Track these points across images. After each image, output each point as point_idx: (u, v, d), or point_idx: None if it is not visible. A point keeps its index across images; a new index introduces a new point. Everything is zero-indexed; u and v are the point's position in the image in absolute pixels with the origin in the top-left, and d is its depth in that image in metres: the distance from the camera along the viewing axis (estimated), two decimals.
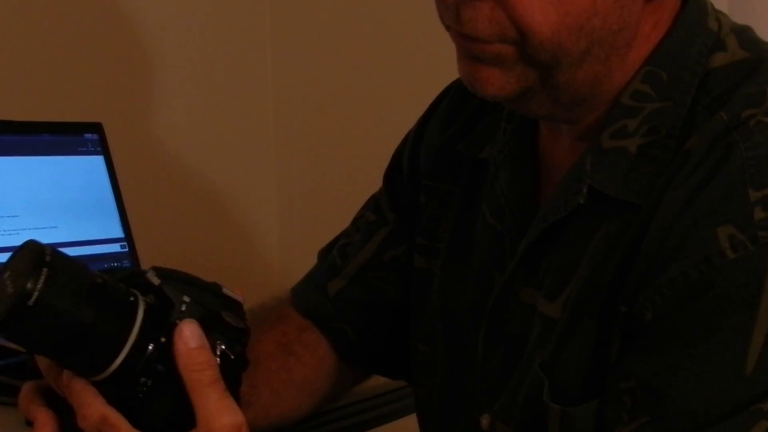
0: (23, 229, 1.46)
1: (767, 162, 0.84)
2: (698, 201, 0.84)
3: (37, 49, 1.81)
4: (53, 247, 0.78)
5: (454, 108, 1.12)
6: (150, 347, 0.80)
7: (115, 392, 0.80)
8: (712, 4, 0.97)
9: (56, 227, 1.50)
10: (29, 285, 0.75)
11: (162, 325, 0.80)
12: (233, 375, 0.83)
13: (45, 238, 1.48)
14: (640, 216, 0.88)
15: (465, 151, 1.07)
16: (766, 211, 0.82)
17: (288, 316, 1.17)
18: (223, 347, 0.82)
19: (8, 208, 1.47)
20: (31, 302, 0.75)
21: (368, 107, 2.07)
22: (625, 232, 0.89)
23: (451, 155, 1.09)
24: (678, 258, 0.84)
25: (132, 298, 0.80)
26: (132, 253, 1.55)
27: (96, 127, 1.61)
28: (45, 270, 0.76)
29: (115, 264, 1.53)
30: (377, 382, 1.28)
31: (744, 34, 0.95)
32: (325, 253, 1.20)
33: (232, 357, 0.82)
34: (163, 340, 0.80)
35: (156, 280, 0.81)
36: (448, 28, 0.92)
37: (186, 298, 0.81)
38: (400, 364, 1.14)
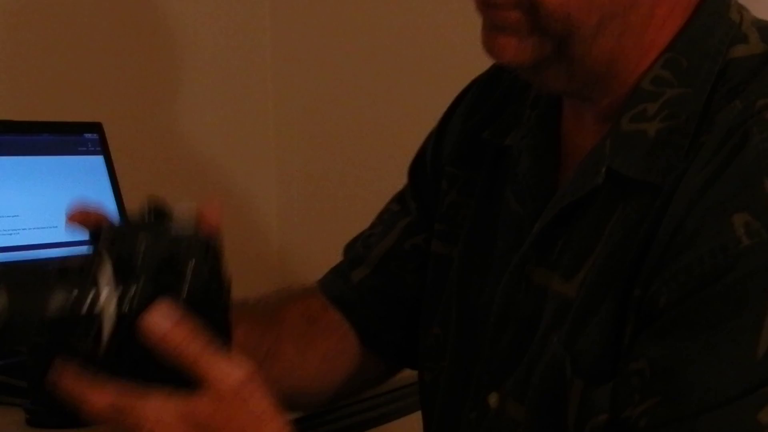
0: (23, 229, 1.46)
1: None
2: (714, 188, 0.86)
3: (37, 49, 1.81)
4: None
5: (478, 98, 1.14)
6: (126, 308, 0.80)
7: (119, 358, 0.81)
8: None
9: (56, 227, 1.50)
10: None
11: (129, 276, 0.80)
12: (209, 291, 0.82)
13: (45, 238, 1.48)
14: (659, 199, 0.89)
15: (489, 138, 1.09)
16: None
17: (314, 294, 1.19)
18: (189, 277, 0.81)
19: (8, 208, 1.47)
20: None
21: (368, 106, 2.07)
22: (643, 214, 0.90)
23: (475, 143, 1.11)
24: (693, 244, 0.85)
25: (93, 267, 0.81)
26: None
27: (96, 127, 1.61)
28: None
29: None
30: None
31: (766, 29, 0.97)
32: (350, 246, 1.22)
33: (198, 288, 0.81)
34: (136, 292, 0.80)
35: (107, 241, 0.82)
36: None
37: (141, 246, 0.81)
38: (415, 351, 1.15)
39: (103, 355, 0.81)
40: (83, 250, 0.82)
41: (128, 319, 0.80)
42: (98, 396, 0.80)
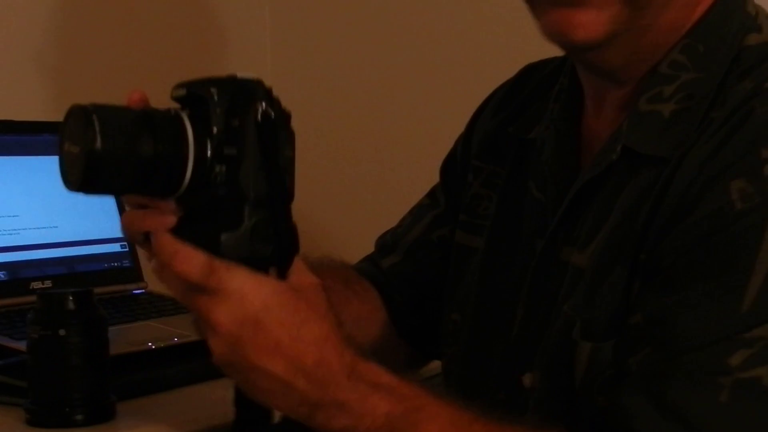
0: (23, 229, 1.46)
1: None
2: (717, 158, 0.91)
3: (37, 50, 1.81)
4: (93, 103, 0.87)
5: (505, 98, 1.19)
6: (208, 147, 0.87)
7: (198, 198, 0.87)
8: None
9: (56, 227, 1.50)
10: (90, 137, 0.85)
11: (209, 121, 0.87)
12: (275, 130, 0.89)
13: (45, 238, 1.48)
14: (667, 170, 0.94)
15: (514, 132, 1.13)
16: None
17: (350, 266, 1.25)
18: (263, 105, 0.89)
19: (8, 208, 1.47)
20: (99, 149, 0.84)
21: (368, 105, 2.07)
22: (651, 184, 0.95)
23: (501, 138, 1.15)
24: (694, 209, 0.90)
25: (173, 113, 0.88)
26: (132, 252, 1.55)
27: None
28: (95, 117, 0.85)
29: (115, 264, 1.53)
30: None
31: None
32: (380, 238, 1.28)
33: (272, 115, 0.89)
34: (215, 130, 0.87)
35: (182, 91, 0.90)
36: None
37: (213, 89, 0.88)
38: (439, 340, 1.18)
39: (183, 193, 0.87)
40: (83, 250, 0.86)
41: (207, 162, 0.87)
42: (194, 252, 0.86)
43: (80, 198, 1.39)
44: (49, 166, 1.55)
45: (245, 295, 0.86)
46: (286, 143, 0.89)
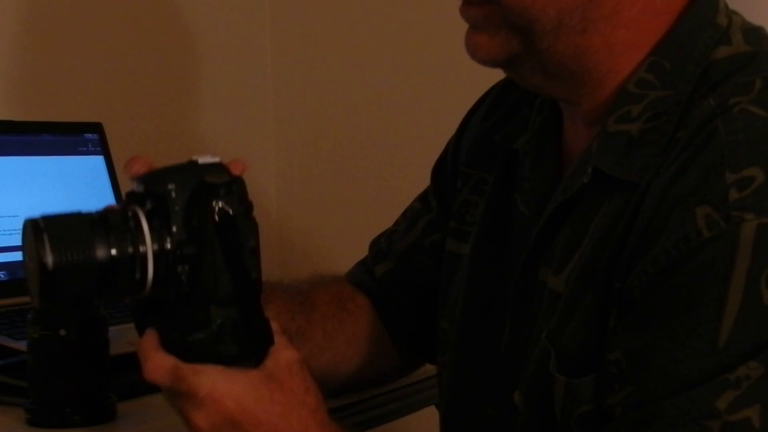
0: None
1: (745, 146, 0.88)
2: (680, 183, 0.88)
3: (37, 50, 1.81)
4: (44, 214, 0.86)
5: (494, 102, 1.18)
6: (167, 245, 0.86)
7: (167, 295, 0.87)
8: (725, 2, 1.00)
9: None
10: (41, 254, 0.83)
11: (168, 219, 0.86)
12: (236, 228, 0.87)
13: None
14: (635, 196, 0.92)
15: (500, 141, 1.12)
16: (740, 192, 0.86)
17: (343, 280, 1.24)
18: (221, 204, 0.87)
19: (8, 208, 1.47)
20: (50, 267, 0.83)
21: (367, 105, 2.07)
22: (623, 211, 0.93)
23: (489, 145, 1.14)
24: (661, 237, 0.88)
25: (130, 213, 0.87)
26: None
27: (96, 127, 1.61)
28: (45, 236, 0.84)
29: None
30: None
31: (753, 32, 0.99)
32: (374, 242, 1.27)
33: (231, 212, 0.87)
34: (174, 228, 0.86)
35: (141, 187, 0.88)
36: None
37: (171, 186, 0.87)
38: (435, 345, 1.18)
39: (149, 291, 0.87)
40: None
41: (169, 256, 0.86)
42: (162, 359, 0.86)
43: (80, 198, 1.39)
44: (49, 166, 1.56)
45: (217, 399, 0.86)
46: (249, 235, 0.88)
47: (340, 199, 2.11)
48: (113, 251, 0.85)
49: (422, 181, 1.27)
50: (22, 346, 1.22)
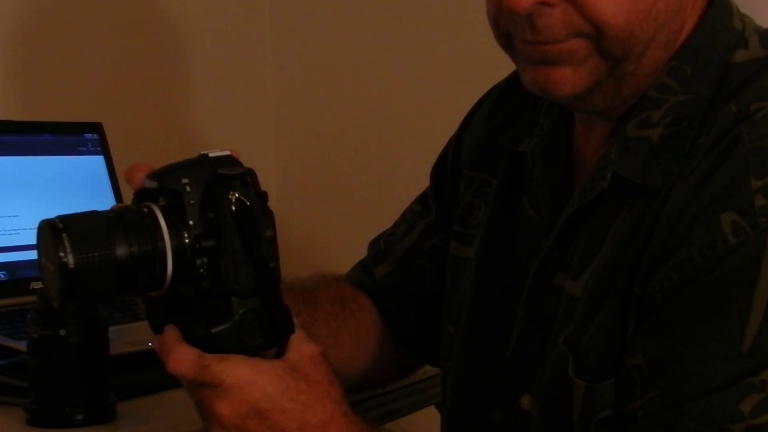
0: (23, 229, 1.46)
1: None
2: (705, 189, 0.89)
3: (37, 49, 1.81)
4: (61, 214, 0.86)
5: (497, 104, 1.17)
6: (186, 239, 0.86)
7: (186, 290, 0.87)
8: (736, 5, 1.01)
9: None
10: (61, 254, 0.83)
11: (183, 214, 0.86)
12: (253, 218, 0.87)
13: None
14: (657, 201, 0.92)
15: (505, 144, 1.11)
16: (766, 198, 0.86)
17: (344, 280, 1.24)
18: (236, 195, 0.87)
19: (8, 208, 1.47)
20: (71, 267, 0.83)
21: (367, 105, 2.07)
22: (644, 216, 0.93)
23: (492, 148, 1.13)
24: (685, 243, 0.88)
25: (146, 210, 0.87)
26: None
27: (96, 127, 1.61)
28: (64, 236, 0.83)
29: None
30: None
31: (767, 35, 0.99)
32: (373, 243, 1.26)
33: (247, 202, 0.87)
34: (191, 222, 0.86)
35: (154, 184, 0.88)
36: (505, 37, 0.97)
37: (185, 180, 0.87)
38: (435, 348, 1.17)
39: (168, 287, 0.87)
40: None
41: (188, 250, 0.86)
42: (186, 351, 0.86)
43: (80, 198, 1.39)
44: (49, 166, 1.56)
45: (243, 387, 0.86)
46: (266, 225, 0.88)
47: (340, 199, 2.11)
48: (133, 249, 0.85)
49: (422, 181, 1.27)
50: (22, 346, 1.22)
